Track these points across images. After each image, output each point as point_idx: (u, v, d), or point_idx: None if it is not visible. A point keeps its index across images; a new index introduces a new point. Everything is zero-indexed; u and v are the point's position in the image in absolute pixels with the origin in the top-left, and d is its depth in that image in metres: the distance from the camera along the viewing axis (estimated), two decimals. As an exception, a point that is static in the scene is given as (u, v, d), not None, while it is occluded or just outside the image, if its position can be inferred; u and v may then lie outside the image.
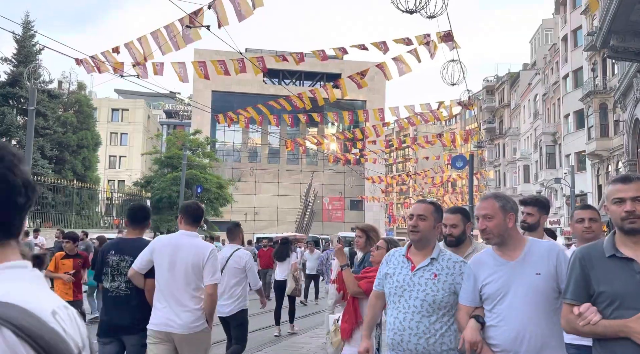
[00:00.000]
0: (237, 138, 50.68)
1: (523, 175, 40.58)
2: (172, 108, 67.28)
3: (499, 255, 2.44)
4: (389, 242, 3.73)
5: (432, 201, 2.81)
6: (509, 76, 48.25)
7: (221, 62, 11.46)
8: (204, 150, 34.52)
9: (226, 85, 45.10)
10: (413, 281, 2.64)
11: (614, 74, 23.72)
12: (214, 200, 31.79)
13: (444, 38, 10.63)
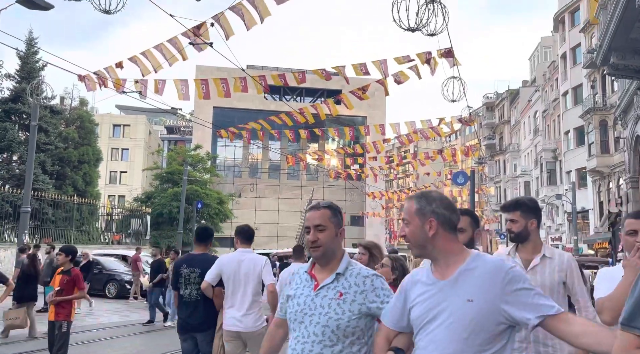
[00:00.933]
0: (238, 154, 50.77)
1: (524, 191, 40.52)
2: (174, 124, 67.57)
3: (432, 271, 1.90)
4: (394, 260, 3.66)
5: (327, 205, 2.31)
6: (508, 93, 48.53)
7: (223, 81, 11.51)
8: (204, 166, 34.54)
9: (227, 101, 45.13)
10: (315, 302, 2.14)
11: (614, 91, 23.85)
12: (214, 216, 31.68)
13: (444, 55, 10.69)
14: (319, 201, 2.34)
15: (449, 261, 1.87)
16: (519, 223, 2.87)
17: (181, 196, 25.51)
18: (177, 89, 10.93)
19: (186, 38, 9.94)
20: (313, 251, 2.22)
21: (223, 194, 34.09)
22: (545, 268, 2.83)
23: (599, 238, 25.13)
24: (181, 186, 26.38)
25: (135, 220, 28.80)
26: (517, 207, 2.91)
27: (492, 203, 47.95)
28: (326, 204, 2.31)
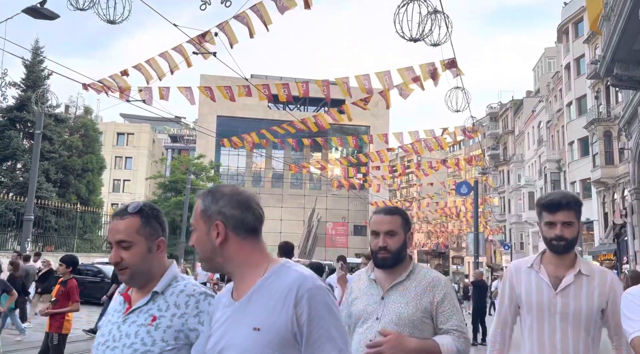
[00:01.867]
0: (241, 163, 50.85)
1: (528, 202, 40.33)
2: (177, 132, 67.84)
3: (232, 290, 1.50)
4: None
5: (136, 210, 1.71)
6: (512, 103, 48.54)
7: (227, 88, 11.57)
8: (207, 174, 34.62)
9: (231, 110, 45.51)
10: (121, 331, 1.61)
11: (618, 102, 23.79)
12: (216, 225, 31.65)
13: (447, 65, 10.70)
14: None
15: (245, 276, 1.45)
16: (574, 227, 2.15)
17: (184, 205, 25.52)
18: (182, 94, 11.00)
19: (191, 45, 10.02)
20: (121, 275, 1.69)
21: (226, 203, 34.04)
22: (581, 289, 2.12)
23: (603, 249, 24.93)
24: (184, 195, 26.39)
25: (138, 228, 28.78)
26: (573, 206, 2.18)
27: (495, 213, 47.74)
28: (135, 208, 1.70)
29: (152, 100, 10.61)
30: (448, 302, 2.09)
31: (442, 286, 2.11)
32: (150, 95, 10.95)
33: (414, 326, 2.04)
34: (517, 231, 43.83)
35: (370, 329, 2.07)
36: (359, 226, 49.82)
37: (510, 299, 2.28)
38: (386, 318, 2.06)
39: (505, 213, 46.52)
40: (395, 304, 2.08)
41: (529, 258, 2.29)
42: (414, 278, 2.13)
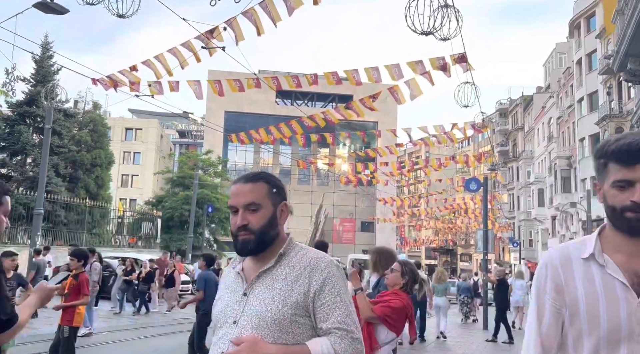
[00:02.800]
0: (249, 158, 50.91)
1: (537, 199, 40.00)
2: (185, 128, 68.04)
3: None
4: (404, 264, 3.58)
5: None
6: (522, 99, 48.10)
7: (236, 81, 11.53)
8: (215, 170, 34.66)
9: (239, 105, 45.52)
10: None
11: (630, 98, 23.46)
12: (224, 220, 31.73)
13: (457, 60, 10.56)
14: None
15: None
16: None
17: (192, 200, 25.58)
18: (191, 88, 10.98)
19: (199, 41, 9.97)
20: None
21: (233, 198, 34.11)
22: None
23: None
24: (192, 190, 26.45)
25: (146, 223, 28.93)
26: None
27: (504, 210, 47.42)
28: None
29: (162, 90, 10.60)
30: (329, 291, 1.53)
31: (322, 269, 1.56)
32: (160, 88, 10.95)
33: (282, 329, 1.50)
34: (526, 229, 43.50)
35: (225, 337, 1.55)
36: (367, 222, 49.74)
37: (554, 313, 1.39)
38: (244, 321, 1.53)
39: (514, 209, 46.21)
40: (257, 302, 1.54)
41: (578, 242, 1.46)
42: (286, 264, 1.60)
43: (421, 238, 68.34)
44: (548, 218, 38.50)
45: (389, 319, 3.26)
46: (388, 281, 3.52)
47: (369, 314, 3.26)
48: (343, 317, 1.53)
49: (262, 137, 16.00)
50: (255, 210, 1.62)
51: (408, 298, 3.43)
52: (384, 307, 3.27)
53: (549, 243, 38.36)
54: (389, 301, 3.33)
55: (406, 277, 3.47)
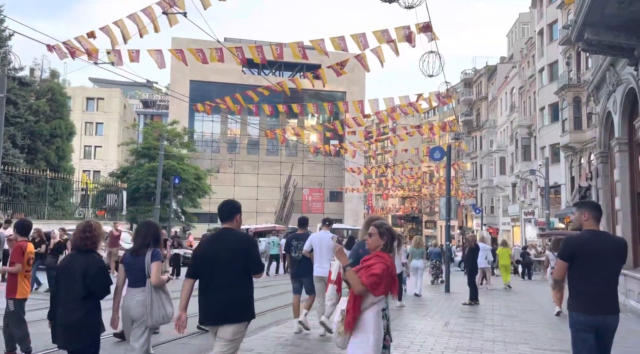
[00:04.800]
0: (216, 129, 50.18)
1: (499, 167, 41.24)
2: (149, 97, 66.13)
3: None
4: (379, 226, 3.70)
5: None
6: (486, 69, 48.80)
7: (199, 51, 11.29)
8: (181, 141, 34.13)
9: (204, 74, 44.51)
10: None
11: (588, 68, 24.20)
12: (191, 191, 31.50)
13: (422, 29, 10.66)
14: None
15: None
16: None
17: (158, 172, 25.20)
18: (153, 58, 10.71)
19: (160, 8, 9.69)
20: None
21: (201, 170, 33.83)
22: None
23: (569, 211, 25.88)
24: (158, 162, 26.03)
25: (111, 195, 28.42)
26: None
27: (468, 178, 48.72)
28: None
29: (121, 62, 10.30)
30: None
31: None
32: (119, 58, 10.63)
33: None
34: (488, 196, 44.93)
35: None
36: (335, 192, 50.26)
37: None
38: None
39: (477, 178, 47.53)
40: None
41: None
42: None
43: (388, 207, 69.64)
44: (509, 186, 39.85)
45: (376, 286, 3.41)
46: (369, 245, 3.64)
47: (360, 289, 3.40)
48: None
49: (228, 105, 15.81)
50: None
51: (390, 258, 3.57)
52: (370, 277, 3.40)
53: (509, 209, 39.85)
54: (372, 266, 3.45)
55: (384, 237, 3.58)
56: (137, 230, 4.55)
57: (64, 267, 3.90)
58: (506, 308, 10.82)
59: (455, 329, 7.88)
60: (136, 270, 4.26)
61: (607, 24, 9.04)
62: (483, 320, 8.97)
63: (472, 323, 8.59)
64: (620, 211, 10.80)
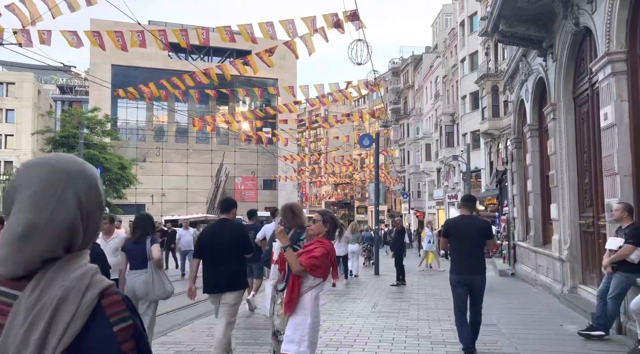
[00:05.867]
0: (141, 116, 48.02)
1: (425, 153, 42.96)
2: (67, 83, 61.85)
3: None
4: (323, 213, 3.79)
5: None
6: (412, 58, 50.37)
7: (118, 34, 10.71)
8: (103, 129, 32.37)
9: (127, 59, 42.26)
10: None
11: (504, 58, 25.69)
12: (115, 182, 30.08)
13: (350, 17, 10.81)
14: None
15: None
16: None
17: (78, 162, 23.74)
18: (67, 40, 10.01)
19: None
20: None
21: (125, 159, 32.35)
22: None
23: (488, 194, 27.58)
24: (77, 151, 24.52)
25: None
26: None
27: (396, 164, 50.34)
28: None
29: (31, 43, 9.54)
30: None
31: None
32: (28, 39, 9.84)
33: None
34: (415, 181, 46.72)
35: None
36: (269, 180, 50.01)
37: None
38: None
39: (405, 164, 49.24)
40: None
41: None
42: None
43: (321, 194, 70.47)
44: (434, 171, 41.67)
45: (315, 268, 3.46)
46: (312, 231, 3.70)
47: (298, 268, 3.44)
48: None
49: (153, 92, 15.16)
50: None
51: (331, 244, 3.66)
52: (309, 258, 3.46)
53: (435, 193, 41.72)
54: (313, 250, 3.52)
55: (327, 225, 3.67)
56: (136, 222, 5.25)
57: None
58: (431, 287, 11.38)
59: (383, 310, 8.19)
60: (138, 255, 5.01)
61: (519, 17, 9.64)
62: (409, 300, 9.39)
63: (399, 303, 8.96)
64: (532, 193, 11.65)
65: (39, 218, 0.90)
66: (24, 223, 0.90)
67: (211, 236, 4.94)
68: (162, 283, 4.99)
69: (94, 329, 0.87)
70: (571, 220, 8.93)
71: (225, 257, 4.74)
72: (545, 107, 9.90)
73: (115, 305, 0.90)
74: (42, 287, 0.88)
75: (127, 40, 10.57)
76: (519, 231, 13.52)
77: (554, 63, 9.42)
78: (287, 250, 3.53)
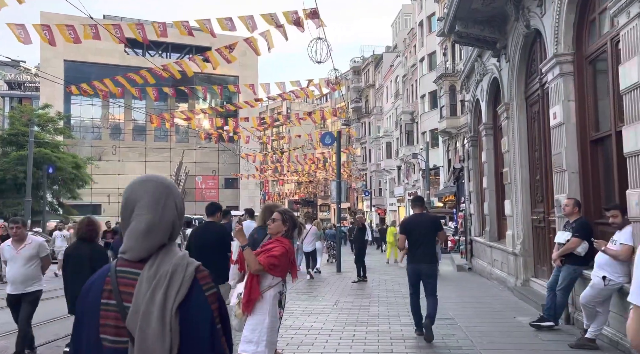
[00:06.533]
0: (96, 114, 46.45)
1: (386, 151, 43.56)
2: (15, 78, 59.02)
3: None
4: (283, 213, 3.75)
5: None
6: (373, 58, 50.92)
7: (70, 27, 10.29)
8: (55, 126, 31.10)
9: (81, 54, 40.80)
10: None
11: (461, 59, 26.35)
12: (69, 182, 28.99)
13: (309, 15, 10.80)
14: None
15: None
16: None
17: (28, 161, 22.74)
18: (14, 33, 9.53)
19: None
20: None
21: (80, 158, 31.21)
22: None
23: (447, 191, 28.23)
24: (27, 150, 23.47)
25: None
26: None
27: (358, 162, 50.80)
28: None
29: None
30: None
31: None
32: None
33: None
34: (376, 179, 47.31)
35: None
36: (230, 179, 49.40)
37: None
38: None
39: (367, 162, 49.75)
40: None
41: None
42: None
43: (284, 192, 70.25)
44: (395, 169, 42.32)
45: (274, 267, 3.42)
46: (271, 230, 3.67)
47: (256, 267, 3.40)
48: None
49: (108, 88, 14.66)
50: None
51: (290, 243, 3.63)
52: (268, 257, 3.41)
53: (395, 191, 42.38)
54: (272, 249, 3.48)
55: (287, 224, 3.66)
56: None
57: (72, 253, 5.05)
58: (391, 283, 11.55)
59: (344, 307, 8.25)
60: None
61: (474, 18, 9.89)
62: (370, 296, 9.49)
63: (360, 300, 9.05)
64: (487, 189, 12.01)
65: (155, 219, 1.33)
66: (146, 222, 1.31)
67: (199, 237, 5.70)
68: None
69: (193, 293, 1.27)
70: (524, 216, 9.26)
71: (211, 255, 5.28)
72: (499, 106, 10.22)
73: (206, 278, 1.33)
74: (157, 265, 1.28)
75: (80, 34, 10.17)
76: (475, 227, 13.91)
77: (507, 64, 9.73)
78: (246, 249, 3.50)
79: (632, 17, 4.78)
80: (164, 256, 1.30)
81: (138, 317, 1.22)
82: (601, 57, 6.28)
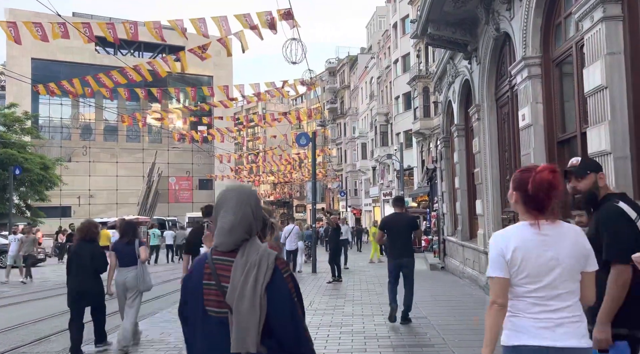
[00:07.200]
0: (66, 113, 45.34)
1: (361, 152, 43.81)
2: (-20, 77, 57.07)
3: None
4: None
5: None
6: (348, 59, 51.16)
7: (37, 25, 10.02)
8: (22, 126, 30.21)
9: (49, 52, 39.75)
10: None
11: (434, 60, 26.72)
12: (37, 183, 28.19)
13: (284, 16, 10.78)
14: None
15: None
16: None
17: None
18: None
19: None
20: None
21: (48, 158, 30.39)
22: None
23: (420, 191, 28.56)
24: (-8, 150, 22.75)
25: None
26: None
27: (334, 163, 50.95)
28: None
29: None
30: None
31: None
32: None
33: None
34: (352, 179, 47.54)
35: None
36: (204, 180, 48.88)
37: None
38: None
39: (342, 162, 49.94)
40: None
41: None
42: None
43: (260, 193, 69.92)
44: (370, 169, 42.61)
45: None
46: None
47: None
48: None
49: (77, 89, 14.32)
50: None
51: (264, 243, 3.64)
52: None
53: (370, 191, 42.68)
54: None
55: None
56: (125, 228, 6.16)
57: (75, 252, 5.69)
58: (365, 283, 11.62)
59: (319, 308, 8.26)
60: (127, 254, 5.92)
61: (446, 21, 10.04)
62: (344, 296, 9.53)
63: (335, 300, 9.08)
64: (459, 189, 12.21)
65: (237, 219, 1.69)
66: (230, 222, 1.68)
67: (198, 236, 5.81)
68: (149, 278, 6.05)
69: (275, 275, 1.63)
70: (494, 215, 9.45)
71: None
72: (471, 108, 10.40)
73: (283, 263, 1.68)
74: (246, 254, 1.65)
75: (48, 32, 9.92)
76: (448, 227, 14.12)
77: (478, 66, 9.91)
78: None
79: (595, 22, 4.94)
80: (250, 248, 1.66)
81: (235, 294, 1.59)
82: (567, 60, 6.46)
